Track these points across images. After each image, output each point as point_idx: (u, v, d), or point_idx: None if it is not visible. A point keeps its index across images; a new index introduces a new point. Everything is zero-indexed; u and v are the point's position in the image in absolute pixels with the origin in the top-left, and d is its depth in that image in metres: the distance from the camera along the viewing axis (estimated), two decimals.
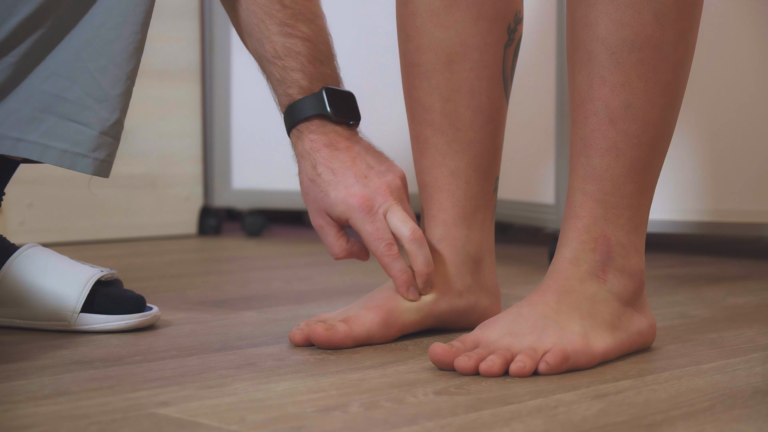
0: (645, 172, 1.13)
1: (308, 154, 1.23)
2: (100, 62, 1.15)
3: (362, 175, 1.21)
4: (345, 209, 1.20)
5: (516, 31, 1.26)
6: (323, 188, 1.21)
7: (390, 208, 1.21)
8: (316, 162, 1.22)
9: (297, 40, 1.23)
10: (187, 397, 0.96)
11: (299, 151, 1.24)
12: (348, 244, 1.23)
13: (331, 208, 1.21)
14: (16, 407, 0.93)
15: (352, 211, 1.20)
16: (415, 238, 1.20)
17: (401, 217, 1.20)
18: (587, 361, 1.09)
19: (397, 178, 1.23)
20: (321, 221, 1.23)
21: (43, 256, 1.28)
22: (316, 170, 1.22)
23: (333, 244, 1.22)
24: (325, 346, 1.17)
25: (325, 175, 1.21)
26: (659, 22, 1.10)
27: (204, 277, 1.88)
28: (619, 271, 1.14)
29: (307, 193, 1.23)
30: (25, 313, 1.26)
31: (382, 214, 1.20)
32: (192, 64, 2.44)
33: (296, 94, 1.24)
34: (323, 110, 1.23)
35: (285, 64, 1.23)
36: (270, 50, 1.24)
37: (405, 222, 1.20)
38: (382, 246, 1.20)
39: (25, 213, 2.19)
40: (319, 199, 1.22)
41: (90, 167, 1.17)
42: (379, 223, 1.20)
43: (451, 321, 1.26)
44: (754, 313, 1.46)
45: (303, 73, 1.23)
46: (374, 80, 2.29)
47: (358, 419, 0.90)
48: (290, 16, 1.23)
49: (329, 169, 1.22)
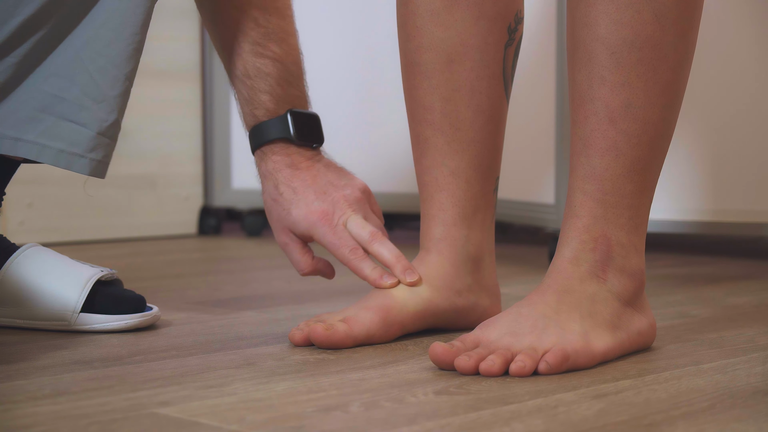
0: (645, 172, 1.13)
1: (271, 175, 1.28)
2: (99, 63, 1.15)
3: (322, 192, 1.26)
4: (307, 226, 1.25)
5: (516, 31, 1.26)
6: (285, 207, 1.26)
7: (349, 218, 1.25)
8: (278, 182, 1.27)
9: (267, 61, 1.27)
10: (187, 397, 0.96)
11: (262, 172, 1.29)
12: (313, 260, 1.28)
13: (294, 226, 1.26)
14: (16, 407, 0.93)
15: (314, 226, 1.25)
16: (375, 238, 1.25)
17: (359, 223, 1.25)
18: (587, 361, 1.09)
19: (357, 190, 1.28)
20: (285, 239, 1.28)
21: (43, 256, 1.28)
22: (278, 190, 1.27)
23: (298, 260, 1.28)
24: (325, 346, 1.17)
25: (287, 194, 1.27)
26: (659, 21, 1.10)
27: (204, 277, 1.88)
28: (619, 270, 1.14)
29: (270, 212, 1.28)
30: (25, 313, 1.26)
31: (342, 224, 1.25)
32: (192, 64, 2.44)
33: (262, 116, 1.29)
34: (287, 134, 1.28)
35: (253, 84, 1.28)
36: (240, 68, 1.28)
37: (363, 227, 1.25)
38: (347, 252, 1.24)
39: (25, 213, 2.19)
40: (282, 218, 1.27)
41: (86, 168, 1.17)
42: (340, 232, 1.25)
43: (451, 320, 1.26)
44: (754, 313, 1.46)
45: (270, 95, 1.28)
46: (374, 80, 2.29)
47: (358, 419, 0.90)
48: (263, 35, 1.27)
49: (290, 188, 1.27)
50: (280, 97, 1.28)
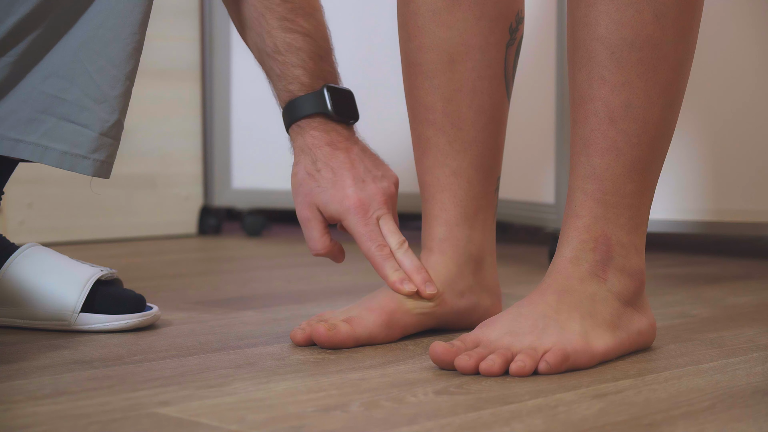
0: (645, 172, 1.13)
1: (309, 150, 1.25)
2: (99, 63, 1.15)
3: (360, 179, 1.24)
4: (340, 209, 1.23)
5: (518, 31, 1.26)
6: (321, 184, 1.24)
7: (383, 216, 1.24)
8: (317, 158, 1.25)
9: (297, 36, 1.24)
10: (187, 397, 0.96)
11: (299, 145, 1.26)
12: (330, 242, 1.26)
13: (326, 205, 1.24)
14: (16, 407, 0.93)
15: (347, 213, 1.23)
16: (402, 247, 1.24)
17: (392, 228, 1.24)
18: (587, 361, 1.09)
19: (392, 184, 1.26)
20: (309, 214, 1.25)
21: (43, 256, 1.28)
22: (316, 166, 1.25)
23: (317, 239, 1.25)
24: (327, 346, 1.17)
25: (325, 172, 1.24)
26: (659, 21, 1.09)
27: (204, 277, 1.88)
28: (619, 270, 1.14)
29: (301, 184, 1.25)
30: (25, 313, 1.26)
31: (375, 219, 1.24)
32: (192, 63, 2.44)
33: (297, 91, 1.26)
34: (325, 109, 1.25)
35: (285, 60, 1.25)
36: (270, 45, 1.25)
37: (394, 233, 1.24)
38: (374, 246, 1.23)
39: (25, 213, 2.19)
40: (315, 194, 1.24)
41: (90, 168, 1.17)
42: (372, 225, 1.23)
43: (452, 321, 1.26)
44: (754, 313, 1.46)
45: (304, 70, 1.25)
46: (375, 80, 2.29)
47: (358, 419, 0.90)
48: (290, 11, 1.24)
49: (329, 167, 1.24)
50: (313, 71, 1.26)
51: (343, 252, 1.28)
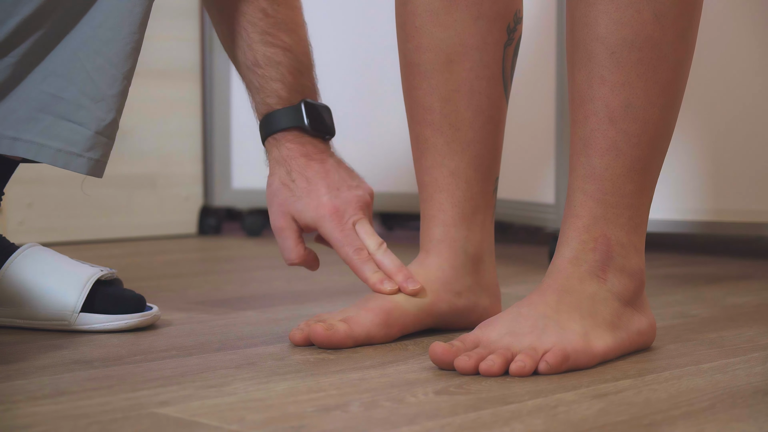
0: (645, 172, 1.13)
1: (284, 161, 1.27)
2: (97, 62, 1.15)
3: (334, 187, 1.26)
4: (315, 216, 1.25)
5: (516, 31, 1.26)
6: (296, 193, 1.26)
7: (359, 221, 1.26)
8: (291, 169, 1.27)
9: (278, 50, 1.26)
10: (187, 397, 0.96)
11: (275, 157, 1.28)
12: (305, 251, 1.27)
13: (300, 214, 1.26)
14: (16, 407, 0.93)
15: (323, 220, 1.25)
16: (381, 248, 1.25)
17: (368, 231, 1.26)
18: (587, 361, 1.09)
19: (367, 194, 1.28)
20: (283, 224, 1.27)
21: (43, 256, 1.28)
22: (291, 176, 1.27)
23: (291, 248, 1.27)
24: (325, 346, 1.17)
25: (300, 182, 1.26)
26: (659, 21, 1.10)
27: (204, 277, 1.88)
28: (619, 270, 1.14)
29: (276, 195, 1.27)
30: (25, 313, 1.26)
31: (351, 224, 1.25)
32: (192, 64, 2.44)
33: (275, 104, 1.28)
34: (301, 123, 1.27)
35: (264, 73, 1.27)
36: (251, 58, 1.27)
37: (371, 236, 1.26)
38: (351, 251, 1.24)
39: (25, 213, 2.19)
40: (290, 203, 1.26)
41: (84, 167, 1.17)
42: (348, 230, 1.25)
43: (451, 321, 1.26)
44: (754, 313, 1.46)
45: (282, 84, 1.27)
46: (373, 80, 2.29)
47: (358, 419, 0.90)
48: (272, 25, 1.26)
49: (304, 177, 1.26)
50: (291, 86, 1.28)
51: (317, 260, 1.29)
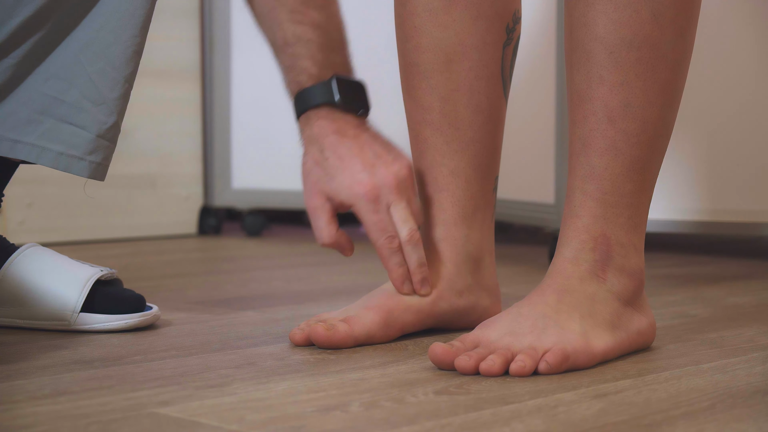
0: (644, 171, 1.13)
1: (316, 140, 1.22)
2: (99, 65, 1.15)
3: (369, 164, 1.20)
4: (350, 195, 1.19)
5: (514, 31, 1.26)
6: (329, 172, 1.20)
7: (393, 203, 1.20)
8: (324, 147, 1.21)
9: (307, 27, 1.22)
10: (187, 397, 0.96)
11: (307, 136, 1.23)
12: (337, 232, 1.21)
13: (335, 192, 1.20)
14: (16, 407, 0.93)
15: (358, 199, 1.19)
16: (411, 239, 1.20)
17: (403, 216, 1.20)
18: (587, 361, 1.09)
19: (404, 167, 1.21)
20: (317, 202, 1.21)
21: (43, 256, 1.28)
22: (323, 154, 1.21)
23: (323, 228, 1.21)
24: (326, 346, 1.17)
25: (332, 160, 1.20)
26: (657, 21, 1.10)
27: (204, 277, 1.88)
28: (618, 270, 1.14)
29: (309, 174, 1.22)
30: (25, 313, 1.26)
31: (386, 206, 1.20)
32: (192, 64, 2.44)
33: (305, 81, 1.22)
34: (331, 99, 1.21)
35: (294, 51, 1.22)
36: (281, 38, 1.23)
37: (405, 222, 1.20)
38: (384, 238, 1.20)
39: (25, 213, 2.19)
40: (323, 182, 1.21)
41: (85, 170, 1.16)
42: (383, 214, 1.20)
43: (451, 321, 1.26)
44: (754, 313, 1.46)
45: (312, 60, 1.22)
46: (373, 80, 2.28)
47: (358, 419, 0.90)
48: (301, 2, 1.22)
49: (336, 154, 1.20)
50: (322, 62, 1.22)
51: (351, 244, 1.23)
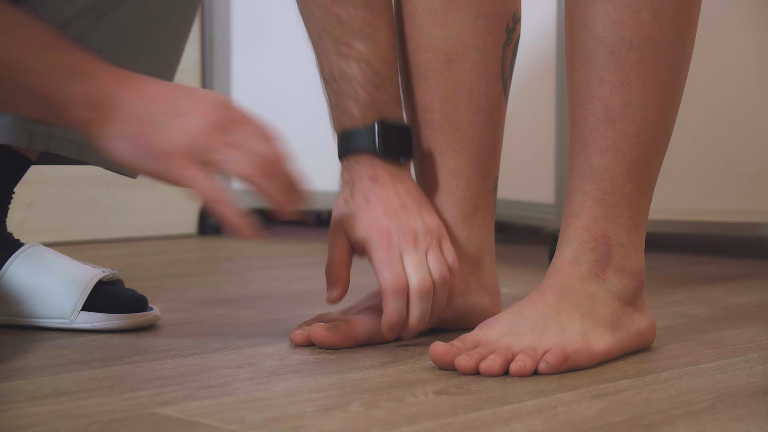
0: (644, 172, 1.14)
1: (351, 182, 1.20)
2: None
3: (393, 211, 1.18)
4: (366, 234, 1.17)
5: (514, 31, 1.26)
6: (352, 209, 1.19)
7: (407, 250, 1.17)
8: (355, 189, 1.20)
9: (351, 62, 1.19)
10: (187, 397, 0.96)
11: (344, 179, 1.22)
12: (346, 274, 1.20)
13: (353, 229, 1.18)
14: (16, 407, 0.93)
15: (371, 239, 1.17)
16: (421, 289, 1.16)
17: (415, 263, 1.16)
18: (587, 361, 1.09)
19: (430, 223, 1.19)
20: (335, 239, 1.20)
21: (45, 256, 1.28)
22: (352, 195, 1.20)
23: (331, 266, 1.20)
24: (326, 346, 1.17)
25: (359, 200, 1.19)
26: (658, 21, 1.10)
27: (204, 277, 1.88)
28: (618, 270, 1.14)
29: (335, 210, 1.21)
30: (25, 312, 1.26)
31: (398, 250, 1.17)
32: (192, 64, 2.44)
33: (348, 123, 1.20)
34: (372, 147, 1.19)
35: (339, 89, 1.20)
36: (327, 71, 1.21)
37: (417, 269, 1.16)
38: (390, 277, 1.15)
39: (25, 213, 2.19)
40: (345, 218, 1.19)
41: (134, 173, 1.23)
42: (394, 257, 1.16)
43: (451, 321, 1.26)
44: (754, 313, 1.46)
45: (356, 102, 1.20)
46: None
47: (358, 419, 0.90)
48: (347, 33, 1.19)
49: (364, 197, 1.19)
50: (365, 103, 1.19)
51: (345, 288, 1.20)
